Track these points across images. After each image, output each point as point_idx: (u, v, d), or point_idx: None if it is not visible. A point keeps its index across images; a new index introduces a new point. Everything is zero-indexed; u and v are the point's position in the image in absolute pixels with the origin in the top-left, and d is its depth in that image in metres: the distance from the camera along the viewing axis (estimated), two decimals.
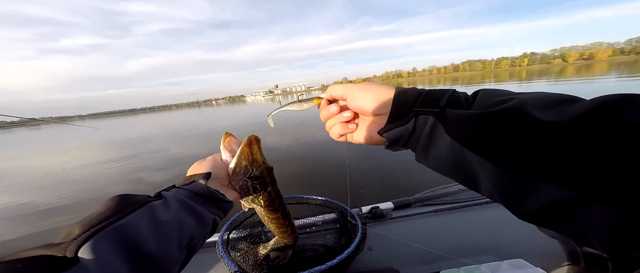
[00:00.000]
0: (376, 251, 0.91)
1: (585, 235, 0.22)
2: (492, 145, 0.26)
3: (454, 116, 0.31)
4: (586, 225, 0.21)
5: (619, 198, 0.18)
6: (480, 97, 0.31)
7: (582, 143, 0.20)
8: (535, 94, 0.26)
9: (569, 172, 0.21)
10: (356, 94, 0.41)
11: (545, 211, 0.23)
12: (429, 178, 3.34)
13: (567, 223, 0.23)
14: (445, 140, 0.31)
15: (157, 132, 14.99)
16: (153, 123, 27.33)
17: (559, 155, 0.21)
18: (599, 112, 0.20)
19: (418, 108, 0.35)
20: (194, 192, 0.43)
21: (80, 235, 0.27)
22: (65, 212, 3.86)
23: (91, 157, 8.46)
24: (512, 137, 0.24)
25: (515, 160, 0.24)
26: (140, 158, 7.19)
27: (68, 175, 6.19)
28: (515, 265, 0.71)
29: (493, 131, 0.26)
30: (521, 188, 0.24)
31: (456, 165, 0.31)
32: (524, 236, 0.92)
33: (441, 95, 0.33)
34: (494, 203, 1.08)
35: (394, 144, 0.39)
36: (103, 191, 4.65)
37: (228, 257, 0.73)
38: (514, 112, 0.25)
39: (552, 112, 0.23)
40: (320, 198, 1.07)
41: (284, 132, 8.06)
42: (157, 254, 0.31)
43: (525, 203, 0.25)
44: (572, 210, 0.21)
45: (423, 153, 0.37)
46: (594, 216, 0.20)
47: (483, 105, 0.29)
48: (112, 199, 0.33)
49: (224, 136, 0.53)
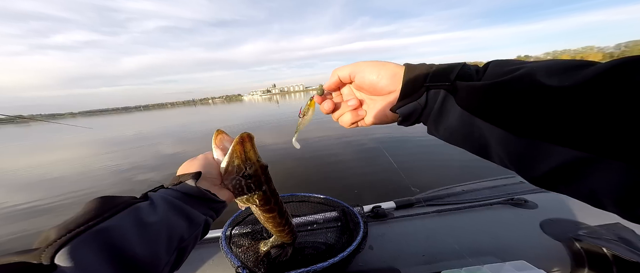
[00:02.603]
0: (377, 250, 0.91)
1: (596, 194, 0.22)
2: (501, 112, 0.27)
3: (464, 88, 0.32)
4: (597, 184, 0.21)
5: (630, 155, 0.18)
6: (491, 68, 0.31)
7: (591, 105, 0.20)
8: (547, 62, 0.26)
9: (579, 133, 0.21)
10: (367, 68, 0.40)
11: (556, 173, 0.24)
12: (431, 179, 3.34)
13: (578, 183, 0.23)
14: (456, 110, 0.32)
15: (152, 129, 14.84)
16: (148, 121, 27.18)
17: (568, 117, 0.22)
18: (612, 73, 0.20)
19: (429, 83, 0.35)
20: (183, 193, 0.42)
21: (57, 240, 0.26)
22: (44, 213, 3.64)
23: (81, 156, 8.26)
24: (520, 104, 0.25)
25: (524, 125, 0.25)
26: (133, 157, 7.02)
27: (50, 175, 5.91)
28: (517, 267, 0.71)
29: (501, 99, 0.27)
30: (531, 152, 0.25)
31: (467, 134, 0.32)
32: (527, 238, 0.91)
33: (451, 69, 0.34)
34: (497, 204, 1.08)
35: (407, 120, 0.40)
36: (94, 191, 4.43)
37: (231, 253, 0.73)
38: (523, 80, 0.25)
39: (563, 77, 0.23)
40: (321, 196, 1.08)
41: (280, 131, 8.06)
42: (143, 257, 0.30)
43: (537, 167, 0.25)
44: (583, 170, 0.22)
45: (434, 125, 0.37)
46: (604, 174, 0.20)
47: (493, 75, 0.30)
48: (93, 201, 0.32)
49: (215, 133, 0.52)
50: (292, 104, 27.07)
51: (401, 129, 6.51)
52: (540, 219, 0.98)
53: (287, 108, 22.22)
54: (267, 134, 7.82)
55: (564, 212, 1.01)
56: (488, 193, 1.24)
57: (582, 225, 0.93)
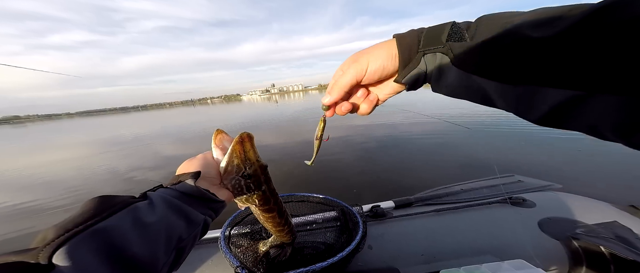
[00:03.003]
0: (376, 250, 0.91)
1: (598, 127, 0.24)
2: (494, 67, 0.29)
3: (457, 48, 0.34)
4: (596, 118, 0.23)
5: (623, 87, 0.20)
6: (482, 25, 0.33)
7: (574, 50, 0.22)
8: (535, 12, 0.28)
9: (569, 74, 0.23)
10: (369, 65, 0.40)
11: (555, 112, 0.26)
12: (429, 178, 3.35)
13: (578, 120, 0.25)
14: (452, 70, 0.35)
15: (150, 130, 14.68)
16: (144, 121, 26.87)
17: (556, 63, 0.24)
18: (588, 20, 0.21)
19: (423, 49, 0.37)
20: (182, 192, 0.41)
21: (55, 240, 0.25)
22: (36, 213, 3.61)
23: (77, 156, 8.18)
24: (510, 58, 0.27)
25: (517, 76, 0.27)
26: (131, 157, 6.94)
27: (47, 175, 5.86)
28: (515, 266, 0.71)
29: (492, 56, 0.29)
30: (529, 97, 0.27)
31: (466, 89, 0.35)
32: (525, 237, 0.92)
33: (442, 30, 0.35)
34: (495, 203, 1.09)
35: (414, 86, 0.42)
36: (90, 191, 4.38)
37: (230, 253, 0.73)
38: (510, 36, 0.27)
39: (546, 28, 0.24)
40: (320, 196, 1.08)
41: (279, 131, 8.05)
42: (142, 257, 0.30)
43: (536, 110, 0.28)
44: (580, 106, 0.24)
45: (437, 84, 0.40)
46: (599, 107, 0.22)
47: (482, 33, 0.31)
48: (92, 201, 0.32)
49: (215, 133, 0.51)
50: (291, 104, 27.01)
51: (399, 128, 6.50)
52: (539, 218, 0.98)
53: (285, 108, 22.19)
54: (266, 134, 7.81)
55: (562, 211, 1.02)
56: (486, 193, 1.24)
57: (580, 224, 0.94)
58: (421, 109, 10.79)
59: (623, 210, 0.98)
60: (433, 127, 6.38)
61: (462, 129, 6.00)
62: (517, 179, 1.38)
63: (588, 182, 2.77)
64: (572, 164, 3.36)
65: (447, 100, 7.91)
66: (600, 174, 2.95)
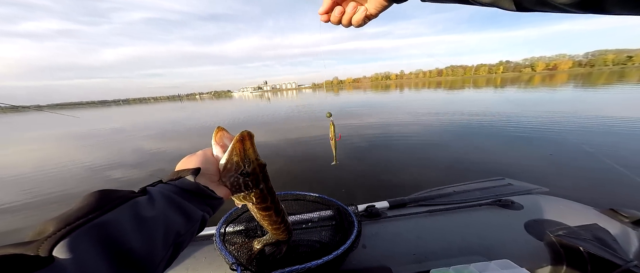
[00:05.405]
0: (370, 249, 0.93)
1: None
2: None
3: None
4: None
5: None
6: None
7: None
8: None
9: None
10: None
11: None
12: (419, 178, 3.41)
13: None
14: None
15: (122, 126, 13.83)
16: (122, 116, 25.70)
17: None
18: None
19: None
20: (181, 188, 0.42)
21: (56, 233, 0.25)
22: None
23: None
24: None
25: None
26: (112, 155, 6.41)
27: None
28: (502, 266, 0.74)
29: None
30: None
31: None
32: (512, 238, 0.95)
33: None
34: (485, 205, 1.12)
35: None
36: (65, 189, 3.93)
37: (225, 250, 0.73)
38: None
39: None
40: (316, 195, 1.09)
41: (274, 130, 7.98)
42: (140, 252, 0.31)
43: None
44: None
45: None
46: None
47: None
48: (92, 194, 0.32)
49: (216, 130, 0.52)
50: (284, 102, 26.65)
51: (390, 129, 6.50)
52: (525, 220, 1.02)
53: (278, 105, 21.89)
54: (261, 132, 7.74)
55: (547, 214, 1.06)
56: (478, 195, 1.28)
57: (563, 226, 0.98)
58: (416, 107, 11.08)
59: (604, 213, 1.03)
60: (424, 128, 6.49)
61: (455, 129, 6.14)
62: (507, 182, 1.43)
63: (573, 186, 2.88)
64: (558, 168, 3.48)
65: (442, 101, 7.87)
66: (585, 179, 3.06)
